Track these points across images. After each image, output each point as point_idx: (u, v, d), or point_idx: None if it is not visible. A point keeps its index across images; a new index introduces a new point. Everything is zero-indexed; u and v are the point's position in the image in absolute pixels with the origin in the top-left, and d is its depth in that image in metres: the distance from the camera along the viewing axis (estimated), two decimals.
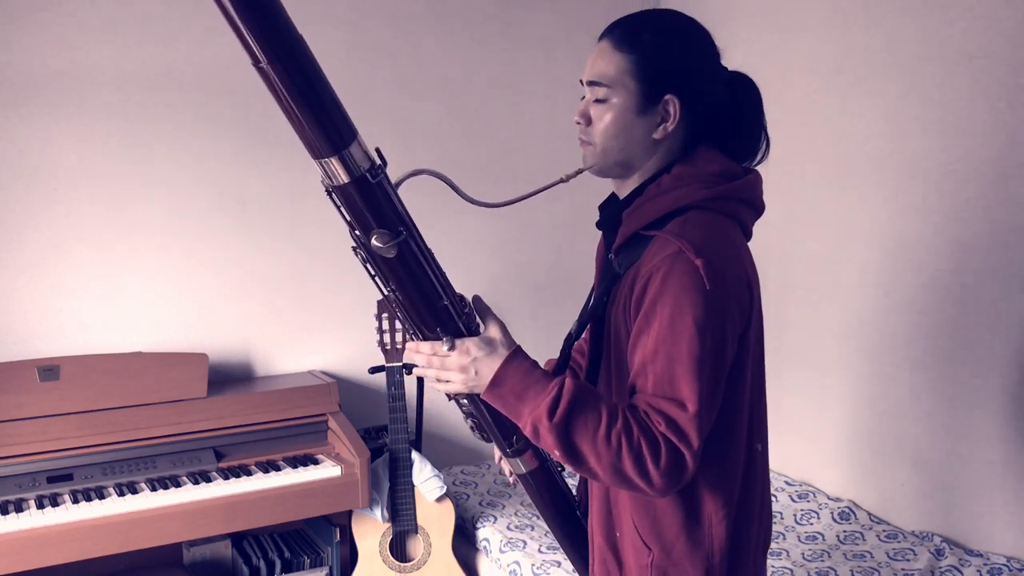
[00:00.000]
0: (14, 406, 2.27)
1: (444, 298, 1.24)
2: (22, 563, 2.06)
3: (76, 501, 2.20)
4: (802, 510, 2.68)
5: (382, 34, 2.92)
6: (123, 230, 2.62)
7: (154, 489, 2.28)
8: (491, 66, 3.11)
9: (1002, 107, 2.22)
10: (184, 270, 2.71)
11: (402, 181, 1.21)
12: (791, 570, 2.33)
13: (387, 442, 2.63)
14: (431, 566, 2.61)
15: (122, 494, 2.25)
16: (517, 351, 1.25)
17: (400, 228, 1.17)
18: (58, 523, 2.12)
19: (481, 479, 3.00)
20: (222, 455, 2.48)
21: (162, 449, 2.40)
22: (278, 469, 2.45)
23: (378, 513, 2.54)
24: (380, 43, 2.92)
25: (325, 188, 1.16)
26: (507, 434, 1.39)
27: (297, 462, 2.49)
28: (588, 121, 1.31)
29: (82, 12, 2.51)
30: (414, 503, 2.59)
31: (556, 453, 1.19)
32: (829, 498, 2.70)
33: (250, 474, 2.40)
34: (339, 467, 2.45)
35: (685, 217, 1.24)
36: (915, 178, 2.45)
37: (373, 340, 2.62)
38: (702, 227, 1.23)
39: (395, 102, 2.95)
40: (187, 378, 2.47)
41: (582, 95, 1.34)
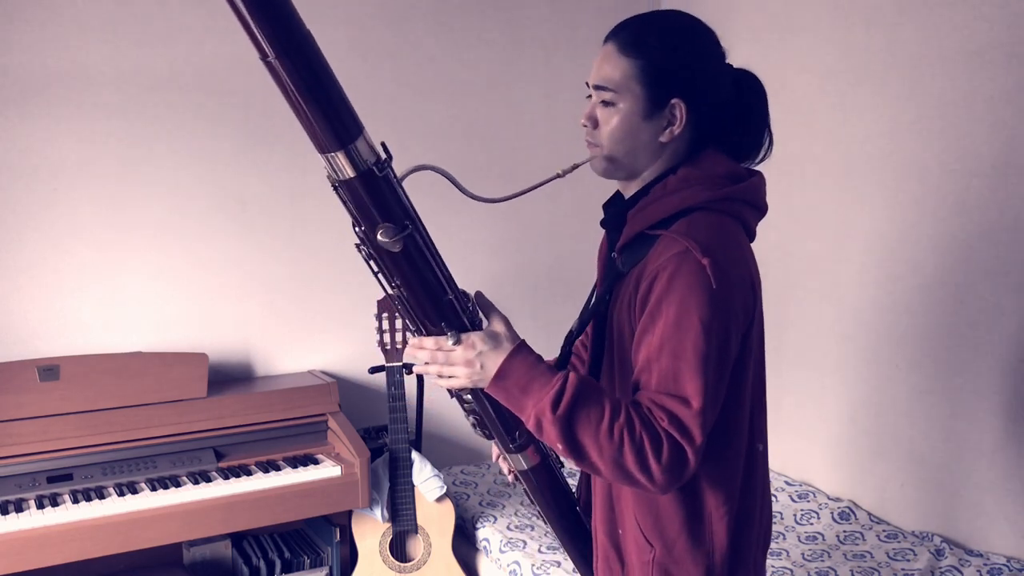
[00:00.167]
0: (14, 406, 2.27)
1: (449, 293, 1.25)
2: (22, 563, 2.06)
3: (76, 501, 2.20)
4: (802, 510, 2.68)
5: (382, 34, 2.92)
6: (123, 230, 2.62)
7: (154, 489, 2.28)
8: (491, 66, 3.11)
9: (1002, 107, 2.22)
10: (184, 270, 2.71)
11: (407, 175, 1.21)
12: (791, 570, 2.33)
13: (387, 442, 2.63)
14: (431, 566, 2.60)
15: (122, 494, 2.25)
16: (522, 345, 1.26)
17: (406, 222, 1.17)
18: (58, 523, 2.12)
19: (481, 479, 3.00)
20: (222, 455, 2.47)
21: (162, 449, 2.40)
22: (278, 469, 2.45)
23: (378, 513, 2.54)
24: (380, 43, 2.92)
25: (331, 182, 1.16)
26: (509, 430, 1.40)
27: (297, 462, 2.49)
28: (595, 124, 1.32)
29: (82, 12, 2.51)
30: (414, 503, 2.59)
31: (559, 447, 1.20)
32: (829, 498, 2.70)
33: (250, 474, 2.40)
34: (339, 467, 2.45)
35: (691, 218, 1.25)
36: (915, 178, 2.45)
37: (373, 340, 2.62)
38: (708, 227, 1.24)
39: (395, 102, 2.95)
40: (187, 378, 2.47)
41: (587, 95, 1.34)
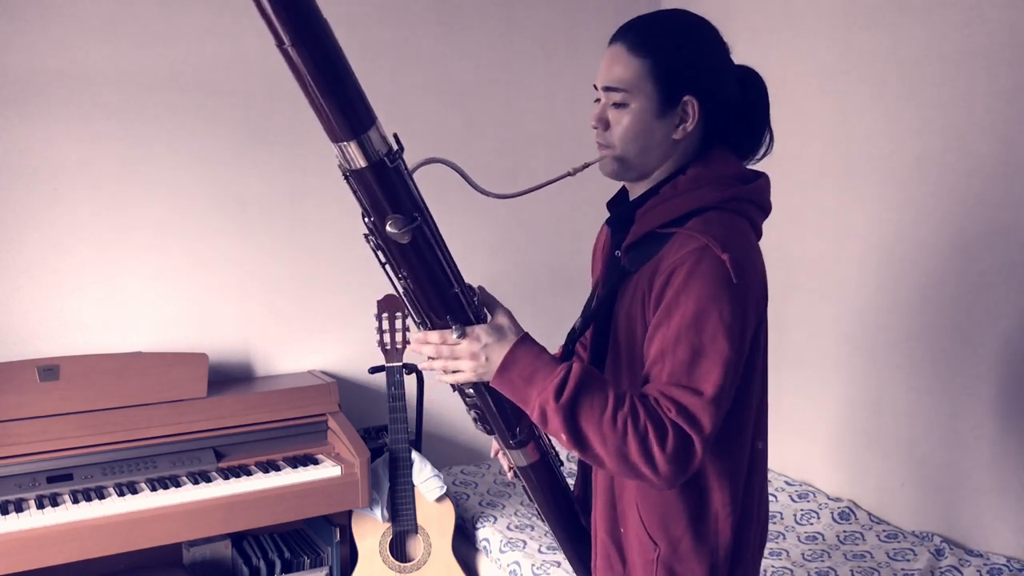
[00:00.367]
0: (14, 406, 2.26)
1: (455, 286, 1.25)
2: (22, 563, 2.06)
3: (76, 501, 2.20)
4: (802, 510, 2.68)
5: (382, 33, 2.92)
6: (123, 230, 2.62)
7: (154, 489, 2.28)
8: (491, 66, 3.11)
9: (1002, 107, 2.22)
10: (184, 270, 2.71)
11: (418, 168, 1.21)
12: (791, 570, 2.33)
13: (387, 442, 2.63)
14: (431, 566, 2.60)
15: (122, 494, 2.24)
16: (526, 336, 1.26)
17: (415, 214, 1.17)
18: (58, 523, 2.11)
19: (481, 479, 3.00)
20: (222, 455, 2.47)
21: (162, 449, 2.40)
22: (278, 469, 2.45)
23: (378, 513, 2.54)
24: (380, 43, 2.92)
25: (342, 172, 1.16)
26: (511, 425, 1.40)
27: (297, 462, 2.49)
28: (606, 125, 1.31)
29: (82, 12, 2.51)
30: (414, 503, 2.59)
31: (563, 437, 1.19)
32: (829, 498, 2.70)
33: (250, 474, 2.40)
34: (339, 467, 2.45)
35: (705, 216, 1.25)
36: (915, 178, 2.45)
37: (373, 340, 2.62)
38: (723, 225, 1.24)
39: (395, 102, 2.95)
40: (187, 378, 2.46)
41: (596, 98, 1.34)
